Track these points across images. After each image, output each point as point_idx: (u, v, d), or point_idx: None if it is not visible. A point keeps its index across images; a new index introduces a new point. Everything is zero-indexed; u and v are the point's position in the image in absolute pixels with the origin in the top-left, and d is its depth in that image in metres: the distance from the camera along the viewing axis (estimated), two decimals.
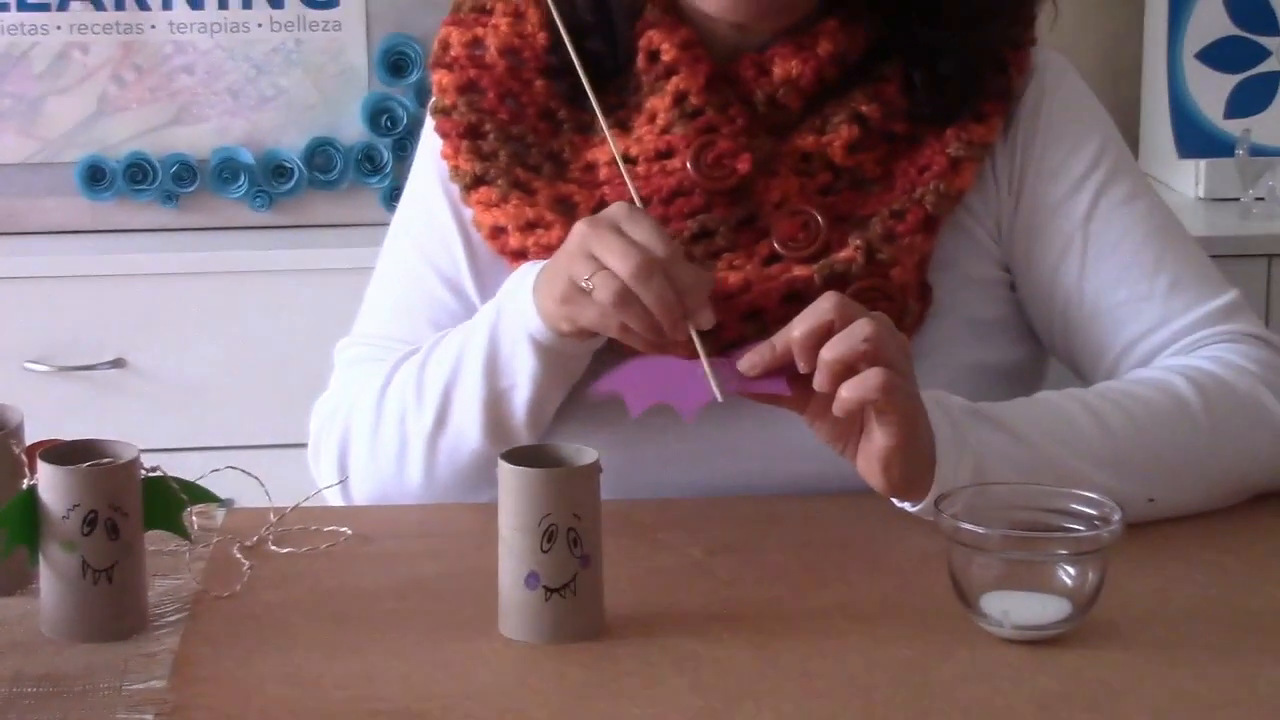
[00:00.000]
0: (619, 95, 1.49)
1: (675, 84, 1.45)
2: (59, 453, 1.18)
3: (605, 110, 1.40)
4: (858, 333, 1.24)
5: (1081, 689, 1.11)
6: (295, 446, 1.59)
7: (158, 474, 1.22)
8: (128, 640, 1.17)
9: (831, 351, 1.25)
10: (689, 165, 1.44)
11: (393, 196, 2.58)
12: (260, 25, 2.66)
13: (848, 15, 1.47)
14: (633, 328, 1.29)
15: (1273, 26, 2.76)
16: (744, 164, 1.44)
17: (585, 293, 1.30)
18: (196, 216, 2.66)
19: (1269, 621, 1.21)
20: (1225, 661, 1.15)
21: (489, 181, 1.47)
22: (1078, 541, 1.17)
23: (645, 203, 1.38)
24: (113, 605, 1.18)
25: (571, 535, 1.16)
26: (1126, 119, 2.76)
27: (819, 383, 1.26)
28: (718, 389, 1.29)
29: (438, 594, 1.25)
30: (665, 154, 1.45)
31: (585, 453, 1.19)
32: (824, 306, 1.26)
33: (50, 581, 1.18)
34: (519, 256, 1.45)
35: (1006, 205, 1.49)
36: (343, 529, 1.37)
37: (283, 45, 2.67)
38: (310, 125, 2.68)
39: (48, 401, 2.46)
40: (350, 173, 2.68)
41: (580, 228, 1.31)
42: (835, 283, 1.39)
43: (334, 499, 1.49)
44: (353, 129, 2.68)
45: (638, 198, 1.37)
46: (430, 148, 1.55)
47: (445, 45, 1.54)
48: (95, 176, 2.63)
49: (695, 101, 1.45)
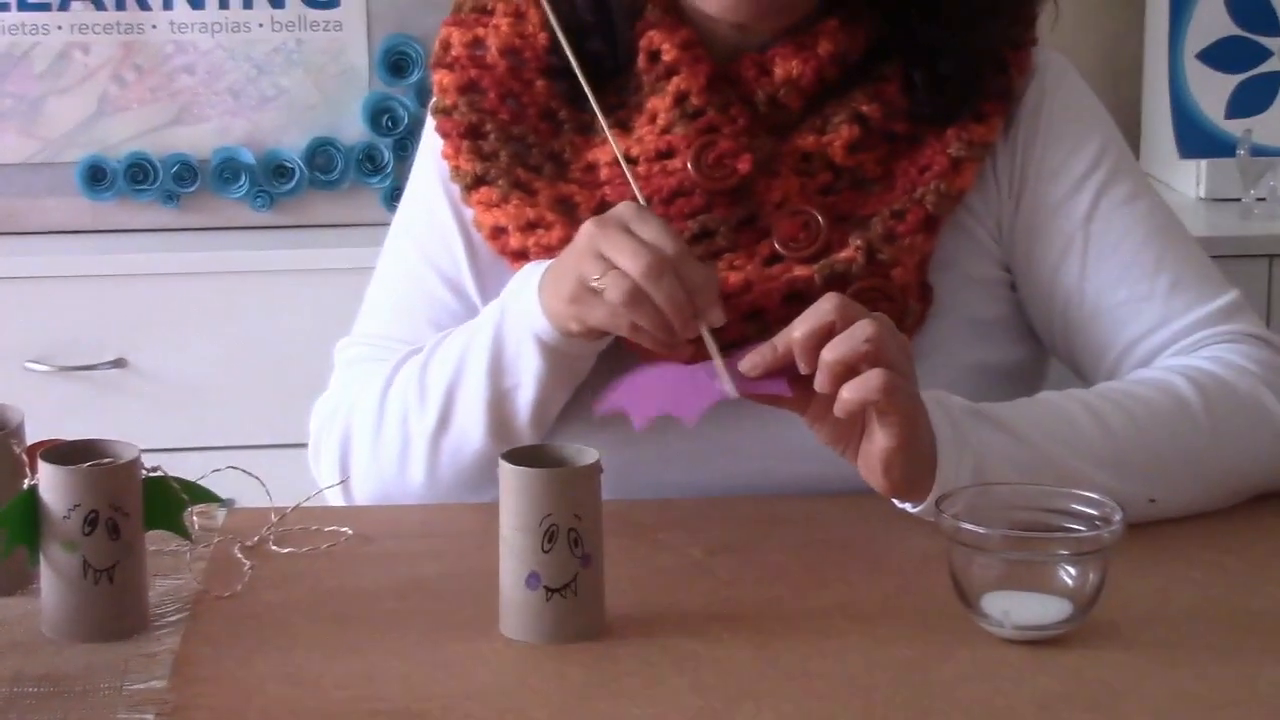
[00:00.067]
0: (619, 95, 1.49)
1: (676, 84, 1.45)
2: (60, 453, 1.18)
3: (605, 110, 1.40)
4: (859, 334, 1.24)
5: (1082, 689, 1.11)
6: (296, 446, 1.59)
7: (158, 474, 1.21)
8: (128, 640, 1.17)
9: (833, 352, 1.24)
10: (690, 165, 1.44)
11: (393, 196, 2.57)
12: (261, 25, 2.66)
13: (848, 15, 1.47)
14: (644, 327, 1.29)
15: (1274, 26, 2.76)
16: (745, 164, 1.44)
17: (594, 292, 1.30)
18: (197, 216, 2.66)
19: (1270, 622, 1.21)
20: (1226, 662, 1.14)
21: (490, 182, 1.47)
22: (1079, 542, 1.17)
23: (647, 203, 1.38)
24: (113, 605, 1.18)
25: (572, 535, 1.16)
26: (1127, 119, 2.76)
27: (820, 384, 1.26)
28: (730, 385, 1.29)
29: (438, 594, 1.25)
30: (666, 154, 1.45)
31: (586, 453, 1.19)
32: (825, 307, 1.26)
33: (51, 581, 1.18)
34: (520, 257, 1.45)
35: (1007, 205, 1.49)
36: (343, 529, 1.37)
37: (284, 45, 2.67)
38: (311, 125, 2.68)
39: (48, 401, 2.46)
40: (351, 173, 2.68)
41: (589, 227, 1.31)
42: (836, 283, 1.39)
43: (335, 499, 1.49)
44: (353, 129, 2.68)
45: (641, 197, 1.37)
46: (431, 148, 1.54)
47: (446, 45, 1.53)
48: (96, 176, 2.63)
49: (696, 102, 1.45)
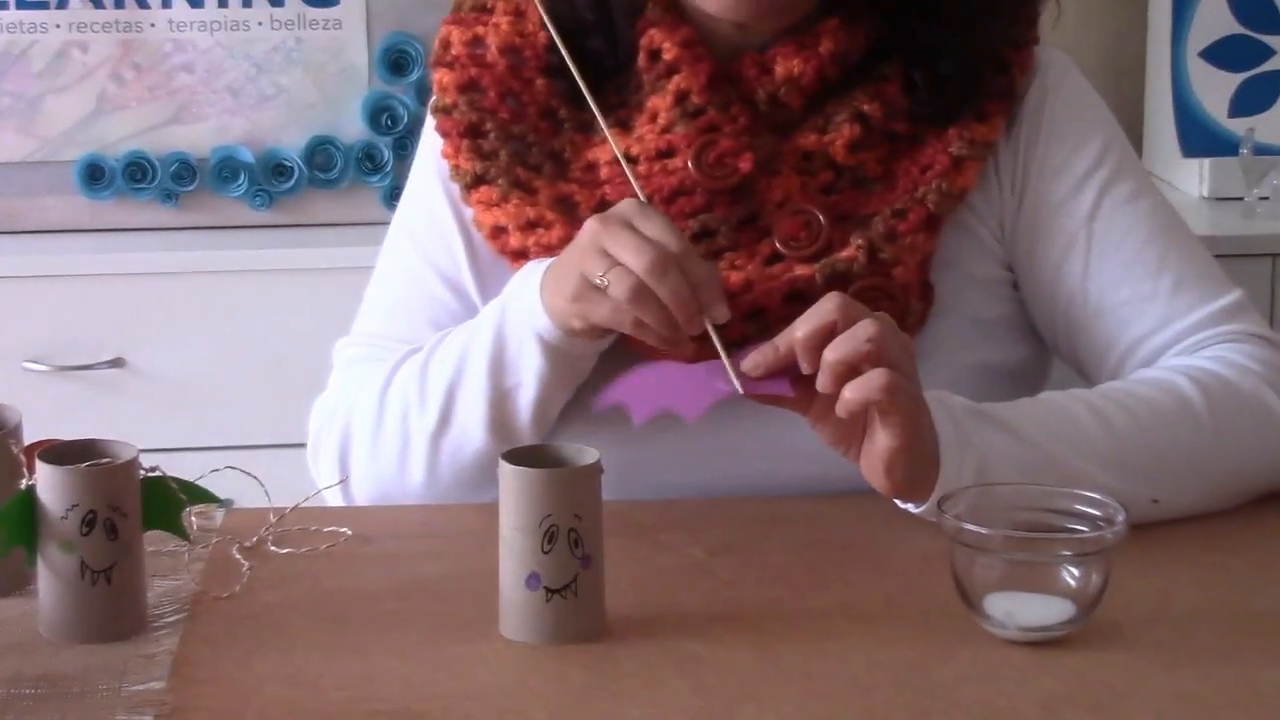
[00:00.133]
0: (620, 94, 1.48)
1: (676, 83, 1.45)
2: (57, 453, 1.17)
3: (606, 109, 1.40)
4: (861, 333, 1.24)
5: (1085, 690, 1.11)
6: (295, 446, 1.59)
7: (157, 474, 1.21)
8: (126, 641, 1.17)
9: (835, 352, 1.24)
10: (690, 164, 1.43)
11: (393, 195, 2.57)
12: (260, 23, 2.66)
13: (848, 14, 1.47)
14: (648, 323, 1.29)
15: (1277, 25, 2.75)
16: (745, 163, 1.43)
17: (598, 289, 1.29)
18: (196, 215, 2.66)
19: (1273, 623, 1.21)
20: (1229, 663, 1.14)
21: (489, 181, 1.47)
22: (1081, 542, 1.17)
23: (648, 201, 1.38)
24: (111, 606, 1.17)
25: (573, 536, 1.15)
26: (1130, 118, 2.76)
27: (822, 384, 1.25)
28: (736, 381, 1.28)
29: (438, 595, 1.25)
30: (666, 153, 1.44)
31: (586, 453, 1.18)
32: (827, 307, 1.26)
33: (48, 582, 1.17)
34: (520, 256, 1.44)
35: (1009, 204, 1.49)
36: (343, 529, 1.36)
37: (283, 44, 2.66)
38: (310, 124, 2.68)
39: (46, 401, 2.45)
40: (350, 172, 2.67)
41: (591, 225, 1.31)
42: (837, 282, 1.39)
43: (334, 499, 1.49)
44: (353, 128, 2.68)
45: (643, 196, 1.36)
46: (431, 147, 1.54)
47: (446, 44, 1.53)
48: (94, 175, 2.63)
49: (697, 100, 1.44)
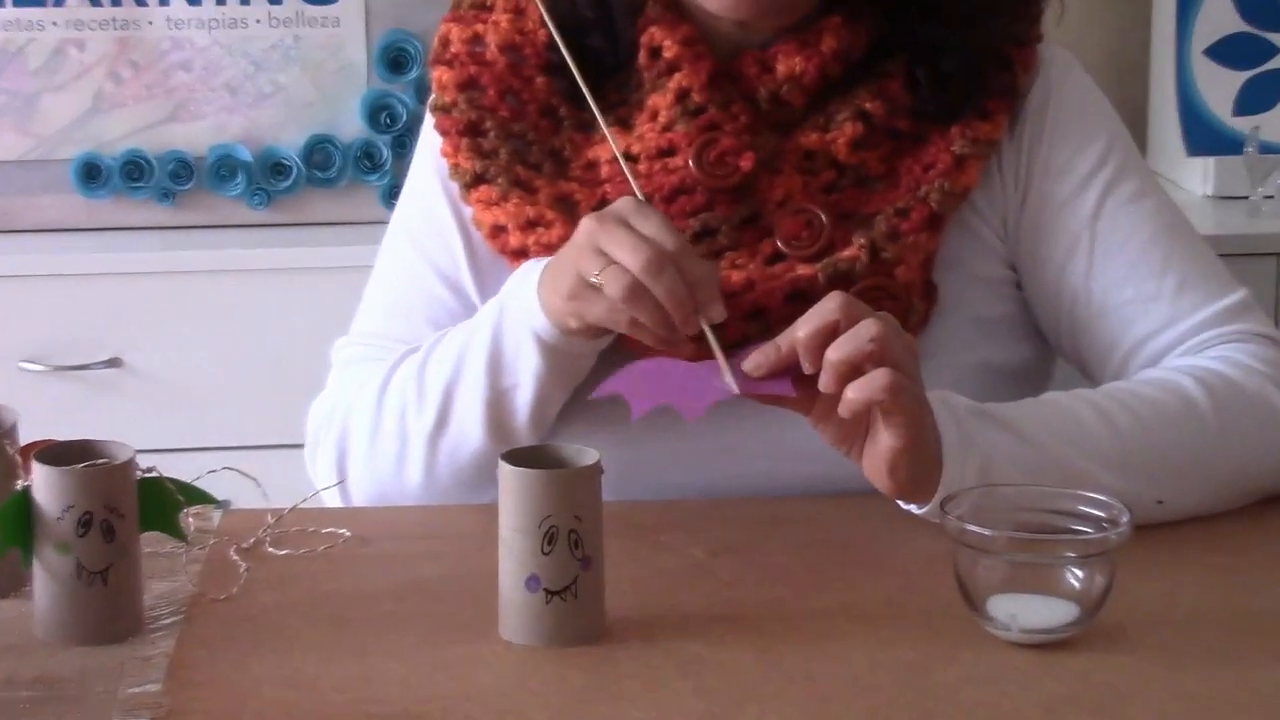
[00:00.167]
0: (620, 92, 1.48)
1: (677, 81, 1.44)
2: (54, 453, 1.17)
3: (606, 108, 1.40)
4: (863, 333, 1.23)
5: (1089, 693, 1.10)
6: (293, 447, 1.58)
7: (154, 475, 1.21)
8: (123, 643, 1.16)
9: (837, 352, 1.24)
10: (691, 163, 1.43)
11: (392, 194, 2.56)
12: (258, 21, 2.65)
13: (850, 12, 1.46)
14: (644, 322, 1.28)
15: None
16: (747, 162, 1.43)
17: (594, 288, 1.29)
18: (194, 214, 2.65)
19: (1277, 625, 1.20)
20: (1232, 665, 1.14)
21: (489, 179, 1.46)
22: (1085, 544, 1.16)
23: (647, 200, 1.37)
24: (108, 608, 1.17)
25: (573, 537, 1.15)
26: (1134, 116, 2.75)
27: (824, 383, 1.25)
28: (737, 381, 1.28)
29: (437, 596, 1.25)
30: (667, 151, 1.44)
31: (586, 454, 1.18)
32: (829, 306, 1.25)
33: (44, 583, 1.17)
34: (519, 255, 1.44)
35: (1013, 203, 1.48)
36: (341, 530, 1.36)
37: (281, 41, 2.66)
38: (309, 122, 2.67)
39: (43, 401, 2.45)
40: (349, 170, 2.67)
41: (588, 223, 1.30)
42: (839, 281, 1.38)
43: (332, 500, 1.49)
44: (352, 126, 2.67)
45: (641, 194, 1.35)
46: (430, 145, 1.54)
47: (445, 42, 1.53)
48: (91, 174, 2.62)
49: (697, 99, 1.44)
